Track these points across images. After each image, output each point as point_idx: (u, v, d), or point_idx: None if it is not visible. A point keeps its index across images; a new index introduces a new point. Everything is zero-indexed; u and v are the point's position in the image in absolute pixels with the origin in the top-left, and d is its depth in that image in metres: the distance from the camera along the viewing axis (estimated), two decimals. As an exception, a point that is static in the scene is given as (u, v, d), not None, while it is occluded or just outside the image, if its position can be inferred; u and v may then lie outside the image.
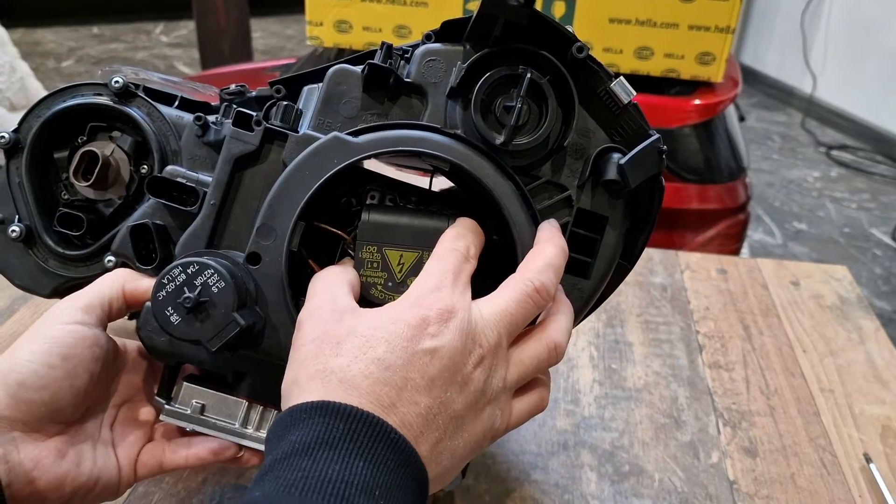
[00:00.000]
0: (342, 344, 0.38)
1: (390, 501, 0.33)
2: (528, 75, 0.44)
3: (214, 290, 0.42)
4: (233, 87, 0.52)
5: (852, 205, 3.01)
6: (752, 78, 4.29)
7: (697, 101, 1.60)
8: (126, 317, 0.49)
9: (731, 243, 1.69)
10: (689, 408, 0.74)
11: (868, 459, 0.67)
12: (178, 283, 0.43)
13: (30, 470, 0.41)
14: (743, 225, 1.72)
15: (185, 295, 0.42)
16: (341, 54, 1.80)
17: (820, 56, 3.84)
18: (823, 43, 3.81)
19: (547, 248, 0.43)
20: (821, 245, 2.69)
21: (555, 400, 0.74)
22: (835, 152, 3.52)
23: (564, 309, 0.45)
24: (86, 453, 0.45)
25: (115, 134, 0.54)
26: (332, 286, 0.43)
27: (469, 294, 0.41)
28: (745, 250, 2.14)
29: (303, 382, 0.38)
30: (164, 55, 4.48)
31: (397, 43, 0.49)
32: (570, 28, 0.45)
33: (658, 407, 0.74)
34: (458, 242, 0.43)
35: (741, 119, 1.86)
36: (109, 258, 0.50)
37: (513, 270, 0.45)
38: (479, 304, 0.41)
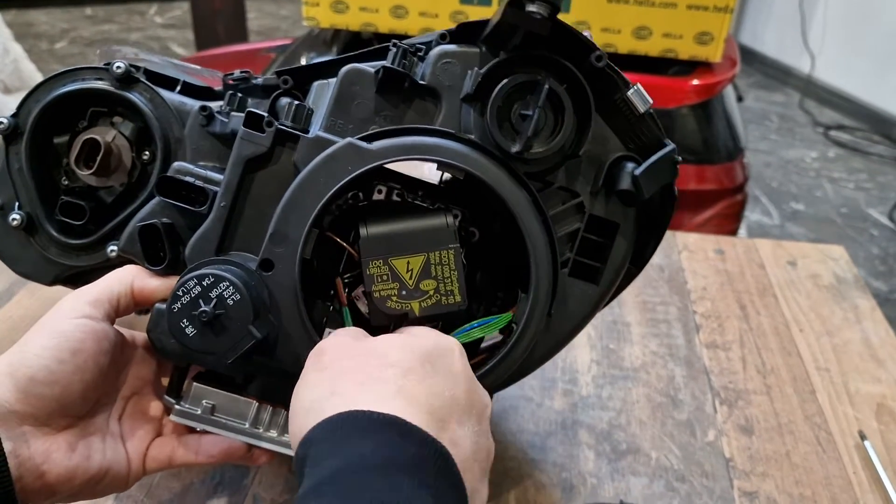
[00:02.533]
0: (387, 355, 0.39)
1: None
2: (547, 85, 0.43)
3: (230, 302, 0.42)
4: (237, 72, 0.51)
5: (850, 185, 3.01)
6: (751, 57, 4.26)
7: (696, 82, 1.59)
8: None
9: (728, 224, 1.69)
10: (686, 387, 0.75)
11: (863, 437, 0.68)
12: (193, 296, 0.42)
13: (40, 464, 0.41)
14: (740, 205, 1.72)
15: (201, 308, 0.42)
16: (338, 35, 1.78)
17: (818, 36, 3.81)
18: (822, 22, 3.79)
19: None
20: (818, 225, 2.69)
21: (552, 380, 0.74)
22: (833, 132, 3.51)
23: None
24: (95, 446, 0.45)
25: (117, 119, 0.53)
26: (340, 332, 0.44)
27: None
28: (742, 231, 2.14)
29: (349, 390, 0.36)
30: (158, 36, 4.43)
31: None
32: (587, 34, 0.44)
33: (655, 386, 0.75)
34: None
35: (739, 99, 1.86)
36: (112, 247, 0.50)
37: (515, 263, 0.45)
38: None
